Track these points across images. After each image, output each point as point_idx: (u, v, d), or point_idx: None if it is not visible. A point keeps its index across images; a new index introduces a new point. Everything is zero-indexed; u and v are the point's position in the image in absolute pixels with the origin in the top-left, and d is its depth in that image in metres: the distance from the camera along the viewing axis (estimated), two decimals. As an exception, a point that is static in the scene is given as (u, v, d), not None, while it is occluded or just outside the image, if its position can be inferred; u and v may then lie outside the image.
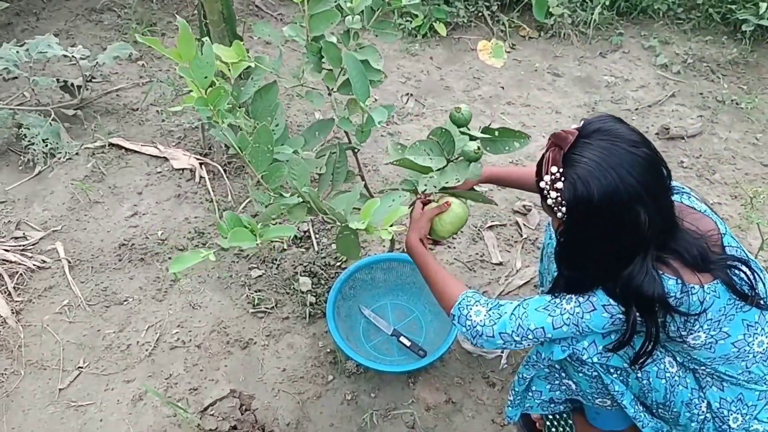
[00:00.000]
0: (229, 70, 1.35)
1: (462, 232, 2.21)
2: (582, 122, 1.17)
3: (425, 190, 1.41)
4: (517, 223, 2.25)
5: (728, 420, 1.29)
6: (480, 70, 3.02)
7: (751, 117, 2.76)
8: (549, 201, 1.15)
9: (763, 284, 1.21)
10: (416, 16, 3.21)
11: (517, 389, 1.52)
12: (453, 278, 1.42)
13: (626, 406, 1.36)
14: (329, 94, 1.54)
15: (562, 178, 1.11)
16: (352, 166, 1.62)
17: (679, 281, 1.14)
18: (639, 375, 1.31)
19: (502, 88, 2.93)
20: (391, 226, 1.16)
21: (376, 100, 2.69)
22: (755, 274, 1.18)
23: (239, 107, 1.35)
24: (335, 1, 1.41)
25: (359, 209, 1.23)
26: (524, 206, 2.29)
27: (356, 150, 1.64)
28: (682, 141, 2.62)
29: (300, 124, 2.64)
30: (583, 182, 1.08)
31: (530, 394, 1.52)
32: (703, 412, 1.31)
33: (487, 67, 3.01)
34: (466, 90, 2.90)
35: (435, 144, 1.39)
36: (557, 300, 1.25)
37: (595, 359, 1.31)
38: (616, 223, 1.10)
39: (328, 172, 1.52)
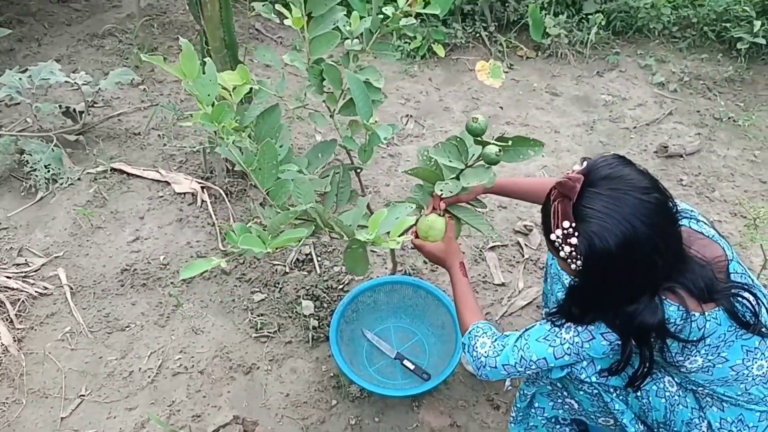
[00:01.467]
0: (231, 95, 1.37)
1: (464, 252, 2.21)
2: (585, 164, 1.14)
3: (442, 193, 1.42)
4: (518, 243, 2.25)
5: None
6: (479, 90, 3.05)
7: (749, 134, 2.78)
8: (562, 254, 1.12)
9: (767, 311, 1.21)
10: (415, 37, 3.24)
11: (519, 405, 1.52)
12: (473, 307, 1.43)
13: (626, 425, 1.36)
14: (331, 116, 1.56)
15: (576, 233, 1.08)
16: (354, 187, 1.64)
17: (681, 308, 1.14)
18: (639, 394, 1.32)
19: (501, 108, 2.95)
20: (400, 236, 1.17)
21: (376, 121, 2.71)
22: (759, 302, 1.18)
23: (243, 130, 1.37)
24: (334, 24, 1.44)
25: (365, 226, 1.24)
26: (525, 226, 2.29)
27: (359, 170, 1.65)
28: (681, 159, 2.63)
29: (301, 146, 2.65)
30: (600, 238, 1.06)
31: (533, 410, 1.52)
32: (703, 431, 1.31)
33: (485, 87, 3.04)
34: (465, 110, 2.92)
35: (454, 148, 1.41)
36: (556, 329, 1.25)
37: (593, 378, 1.31)
38: (632, 269, 1.09)
39: (332, 192, 1.53)
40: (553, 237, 1.12)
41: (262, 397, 1.80)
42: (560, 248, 1.12)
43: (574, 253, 1.10)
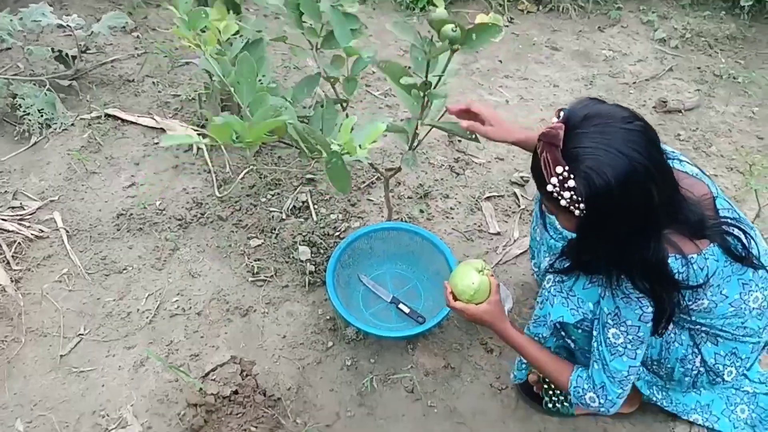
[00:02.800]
0: (220, 33, 1.36)
1: (460, 203, 2.22)
2: (562, 114, 1.13)
3: (406, 83, 1.41)
4: (514, 194, 2.26)
5: (723, 374, 1.33)
6: (478, 43, 3.00)
7: (748, 91, 2.77)
8: (563, 203, 1.09)
9: (756, 243, 1.23)
10: (414, -12, 3.17)
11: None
12: (554, 361, 1.41)
13: None
14: (314, 50, 1.54)
15: (572, 175, 1.06)
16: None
17: (678, 256, 1.15)
18: None
19: (500, 61, 2.92)
20: (373, 142, 1.17)
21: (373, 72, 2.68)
22: (747, 235, 1.20)
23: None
24: None
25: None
26: (522, 177, 2.30)
27: (345, 104, 1.63)
28: (680, 114, 2.62)
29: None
30: (598, 172, 1.04)
31: None
32: (696, 366, 1.35)
33: (485, 40, 2.99)
34: (464, 63, 2.89)
35: (416, 33, 1.40)
36: (611, 341, 1.26)
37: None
38: (633, 202, 1.07)
39: (316, 125, 1.49)
40: (549, 188, 1.10)
41: (259, 338, 1.83)
42: (559, 197, 1.09)
43: (574, 196, 1.07)
